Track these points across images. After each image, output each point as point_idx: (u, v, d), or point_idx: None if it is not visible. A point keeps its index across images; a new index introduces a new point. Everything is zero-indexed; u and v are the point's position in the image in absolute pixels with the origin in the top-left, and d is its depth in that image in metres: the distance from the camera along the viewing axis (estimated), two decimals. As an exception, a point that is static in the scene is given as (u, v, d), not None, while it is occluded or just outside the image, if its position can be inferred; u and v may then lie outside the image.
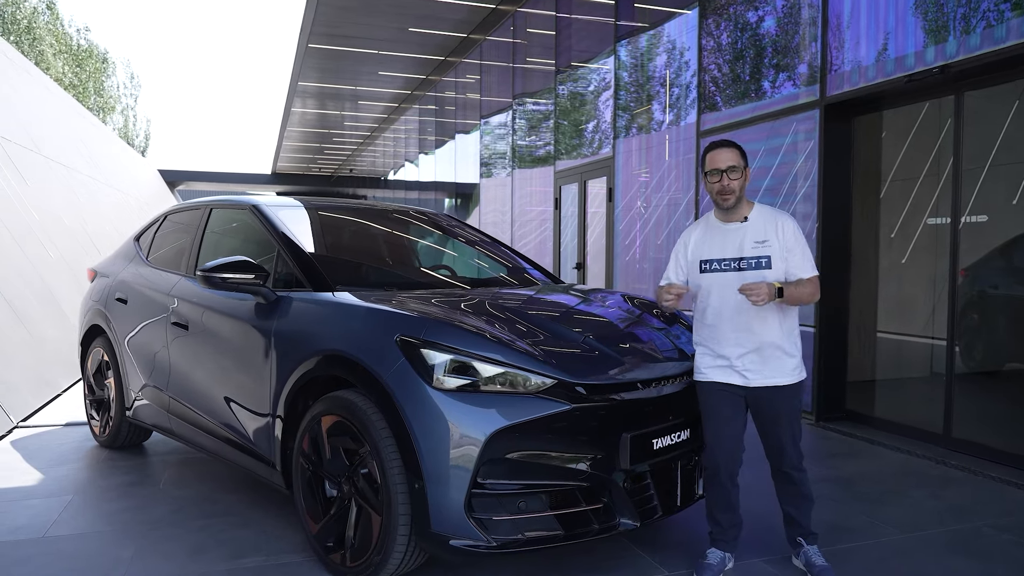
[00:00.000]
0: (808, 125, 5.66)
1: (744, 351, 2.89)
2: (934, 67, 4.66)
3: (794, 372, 2.92)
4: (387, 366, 2.69)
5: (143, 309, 4.26)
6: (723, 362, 2.93)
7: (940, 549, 3.24)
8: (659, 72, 7.80)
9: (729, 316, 2.91)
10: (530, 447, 2.61)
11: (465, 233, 4.64)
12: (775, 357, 2.89)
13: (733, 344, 2.90)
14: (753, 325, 2.87)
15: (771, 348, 2.88)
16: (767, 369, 2.89)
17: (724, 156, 2.92)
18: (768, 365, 2.89)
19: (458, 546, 2.54)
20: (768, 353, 2.88)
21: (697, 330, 3.05)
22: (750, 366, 2.89)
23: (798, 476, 2.97)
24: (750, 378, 2.89)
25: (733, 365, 2.91)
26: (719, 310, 2.94)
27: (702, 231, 3.05)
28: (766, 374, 2.89)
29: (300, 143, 26.75)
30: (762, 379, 2.89)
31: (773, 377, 2.89)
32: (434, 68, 14.78)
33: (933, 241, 5.38)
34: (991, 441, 4.58)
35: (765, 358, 2.88)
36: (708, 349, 2.98)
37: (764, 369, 2.88)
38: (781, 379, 2.89)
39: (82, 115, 18.40)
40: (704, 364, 2.99)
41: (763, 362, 2.88)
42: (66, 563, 3.03)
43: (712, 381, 2.95)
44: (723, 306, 2.93)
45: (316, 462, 2.98)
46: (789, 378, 2.90)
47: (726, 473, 2.97)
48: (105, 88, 38.53)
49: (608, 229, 8.68)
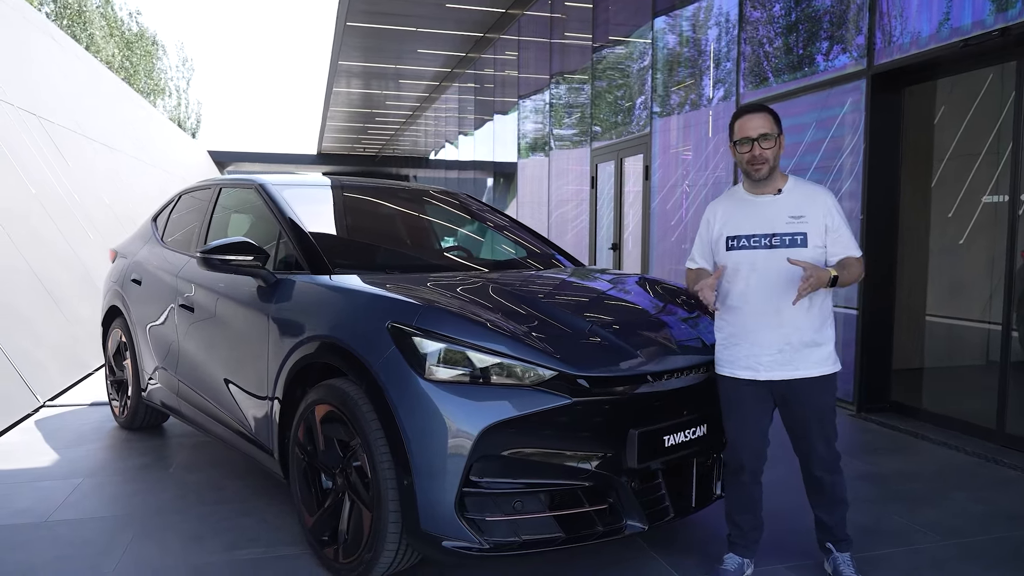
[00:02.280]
0: (855, 97, 5.29)
1: (770, 339, 2.62)
2: (993, 30, 4.27)
3: (825, 363, 2.63)
4: (378, 354, 2.53)
5: (156, 291, 4.21)
6: (746, 351, 2.66)
7: (983, 560, 2.95)
8: (697, 45, 7.45)
9: (756, 299, 2.64)
10: (528, 444, 2.43)
11: (482, 214, 4.45)
12: (804, 346, 2.61)
13: (758, 331, 2.63)
14: (782, 310, 2.59)
15: (799, 336, 2.60)
16: (795, 360, 2.61)
17: (755, 123, 2.62)
18: (796, 355, 2.61)
19: (451, 547, 2.39)
20: (796, 341, 2.60)
21: (719, 315, 2.77)
22: (776, 356, 2.62)
23: (831, 480, 2.70)
24: (775, 370, 2.62)
25: (757, 355, 2.64)
26: (744, 292, 2.66)
27: (729, 205, 2.77)
28: (793, 365, 2.61)
29: (344, 123, 26.85)
30: (789, 371, 2.61)
31: (801, 369, 2.61)
32: (473, 45, 14.56)
33: (993, 221, 5.01)
34: (1049, 438, 4.23)
35: (793, 347, 2.60)
36: (730, 336, 2.71)
37: (791, 360, 2.61)
38: (809, 371, 2.61)
39: (130, 97, 18.71)
40: (726, 354, 2.73)
41: (791, 352, 2.61)
42: (61, 550, 2.99)
43: (734, 373, 2.71)
44: (749, 288, 2.65)
45: (311, 452, 2.85)
46: (819, 369, 2.62)
47: (748, 472, 2.73)
48: (156, 71, 39.28)
49: (644, 208, 8.39)
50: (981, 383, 5.12)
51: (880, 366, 5.27)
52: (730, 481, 2.80)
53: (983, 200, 5.30)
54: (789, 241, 2.60)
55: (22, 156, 7.81)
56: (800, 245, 2.59)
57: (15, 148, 7.72)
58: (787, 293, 2.58)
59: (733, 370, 2.70)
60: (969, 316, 5.81)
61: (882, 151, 5.14)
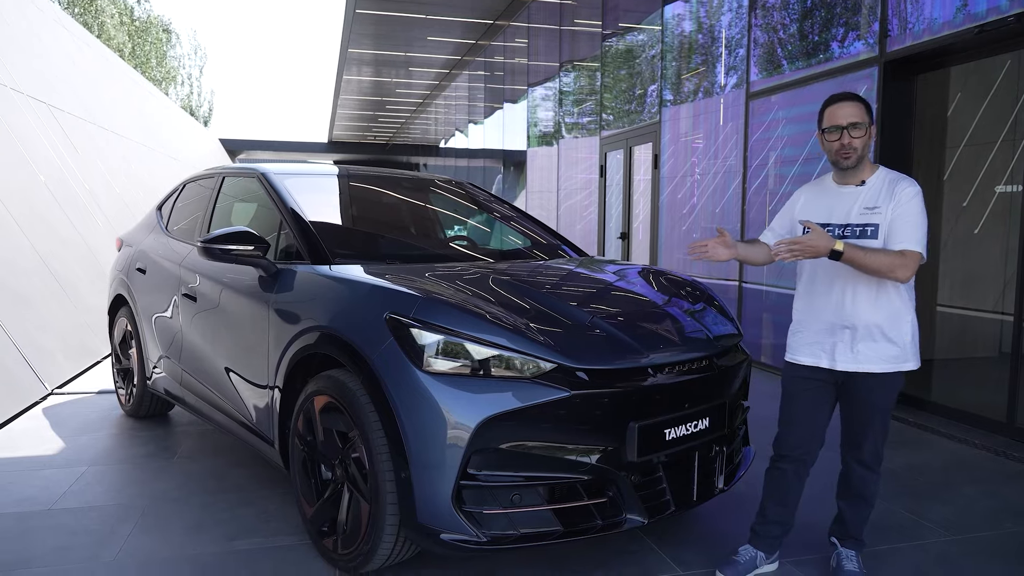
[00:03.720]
0: (866, 84, 5.20)
1: (833, 328, 2.57)
2: (1009, 15, 4.17)
3: (893, 361, 2.53)
4: (375, 346, 2.51)
5: (160, 280, 4.20)
6: (810, 338, 2.63)
7: (991, 556, 2.91)
8: (708, 31, 7.35)
9: (822, 288, 2.60)
10: (526, 437, 2.40)
11: (487, 203, 4.41)
12: (871, 339, 2.52)
13: (825, 319, 2.59)
14: (846, 299, 2.54)
15: (867, 328, 2.52)
16: (860, 352, 2.53)
17: (846, 111, 2.56)
18: (861, 347, 2.53)
19: (448, 540, 2.37)
20: (863, 334, 2.52)
21: (795, 303, 2.75)
22: (841, 346, 2.56)
23: (864, 474, 2.65)
24: (838, 360, 2.56)
25: (821, 343, 2.60)
26: (812, 280, 2.65)
27: (814, 191, 2.73)
28: (858, 358, 2.54)
29: (355, 111, 26.81)
30: (852, 363, 2.55)
31: (865, 363, 2.53)
32: (483, 32, 14.47)
33: (1007, 211, 4.93)
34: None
35: (859, 339, 2.53)
36: (797, 323, 2.70)
37: (856, 352, 2.53)
38: (874, 366, 2.53)
39: (140, 85, 18.74)
40: (793, 341, 2.70)
41: (856, 342, 2.53)
42: (65, 538, 3.00)
43: (798, 361, 2.66)
44: (816, 276, 2.63)
45: (311, 443, 2.84)
46: (884, 366, 2.53)
47: (790, 461, 2.69)
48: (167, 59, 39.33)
49: (653, 197, 8.33)
50: (992, 375, 5.05)
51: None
52: (771, 465, 2.77)
53: (997, 190, 5.21)
54: (860, 232, 2.54)
55: (32, 144, 7.83)
56: (871, 236, 2.51)
57: (25, 136, 7.74)
58: (852, 284, 2.53)
59: (795, 356, 2.68)
60: (982, 307, 5.73)
61: (894, 139, 5.06)
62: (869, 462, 2.64)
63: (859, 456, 2.64)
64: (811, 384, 2.64)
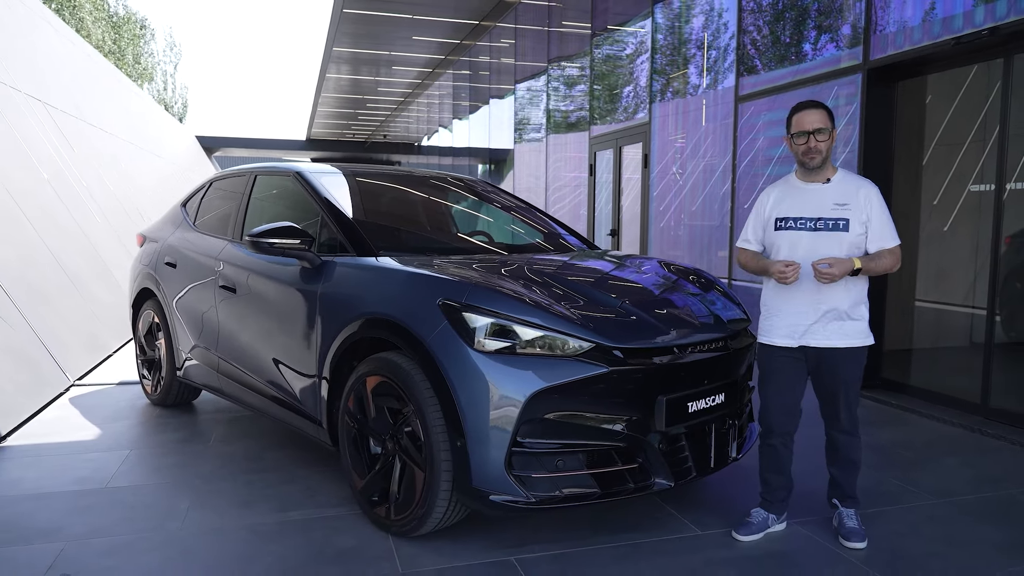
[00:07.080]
0: (850, 90, 5.56)
1: (808, 311, 2.92)
2: (983, 29, 4.55)
3: (858, 336, 2.93)
4: (430, 329, 2.78)
5: (191, 273, 4.40)
6: (786, 320, 2.97)
7: (972, 515, 3.27)
8: (697, 35, 7.69)
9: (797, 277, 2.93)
10: (568, 408, 2.69)
11: (503, 199, 4.69)
12: (838, 319, 2.91)
13: (798, 305, 2.93)
14: (821, 288, 2.88)
15: (836, 312, 2.90)
16: (829, 330, 2.91)
17: (811, 118, 2.91)
18: (830, 326, 2.91)
19: (498, 501, 2.65)
20: (833, 315, 2.91)
21: (764, 290, 3.09)
22: (812, 326, 2.92)
23: (846, 440, 3.01)
24: (811, 339, 2.92)
25: (795, 324, 2.94)
26: None
27: (782, 190, 3.06)
28: (828, 336, 2.91)
29: (334, 109, 26.83)
30: (823, 340, 2.91)
31: (834, 339, 2.91)
32: (468, 32, 14.69)
33: (977, 208, 5.29)
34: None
35: (828, 318, 2.91)
36: (774, 309, 3.02)
37: (826, 330, 2.91)
38: (842, 341, 2.91)
39: (122, 82, 18.66)
40: (768, 325, 3.04)
41: (825, 322, 2.91)
42: (127, 511, 3.22)
43: (774, 343, 3.00)
44: None
45: (361, 421, 3.09)
46: (851, 341, 2.92)
47: (778, 436, 3.04)
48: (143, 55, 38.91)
49: (643, 196, 8.65)
50: (965, 363, 5.42)
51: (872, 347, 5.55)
52: (762, 443, 3.10)
53: (968, 188, 5.58)
54: (832, 225, 2.89)
55: (32, 141, 7.93)
56: (842, 230, 2.89)
57: (25, 134, 7.84)
58: None
59: (772, 338, 3.01)
60: (953, 301, 6.11)
61: (876, 142, 5.42)
62: (848, 428, 3.00)
63: (839, 426, 3.00)
64: (787, 363, 2.99)
